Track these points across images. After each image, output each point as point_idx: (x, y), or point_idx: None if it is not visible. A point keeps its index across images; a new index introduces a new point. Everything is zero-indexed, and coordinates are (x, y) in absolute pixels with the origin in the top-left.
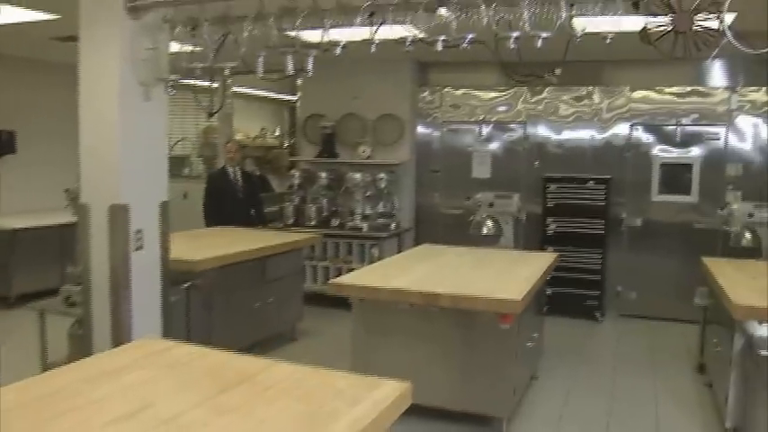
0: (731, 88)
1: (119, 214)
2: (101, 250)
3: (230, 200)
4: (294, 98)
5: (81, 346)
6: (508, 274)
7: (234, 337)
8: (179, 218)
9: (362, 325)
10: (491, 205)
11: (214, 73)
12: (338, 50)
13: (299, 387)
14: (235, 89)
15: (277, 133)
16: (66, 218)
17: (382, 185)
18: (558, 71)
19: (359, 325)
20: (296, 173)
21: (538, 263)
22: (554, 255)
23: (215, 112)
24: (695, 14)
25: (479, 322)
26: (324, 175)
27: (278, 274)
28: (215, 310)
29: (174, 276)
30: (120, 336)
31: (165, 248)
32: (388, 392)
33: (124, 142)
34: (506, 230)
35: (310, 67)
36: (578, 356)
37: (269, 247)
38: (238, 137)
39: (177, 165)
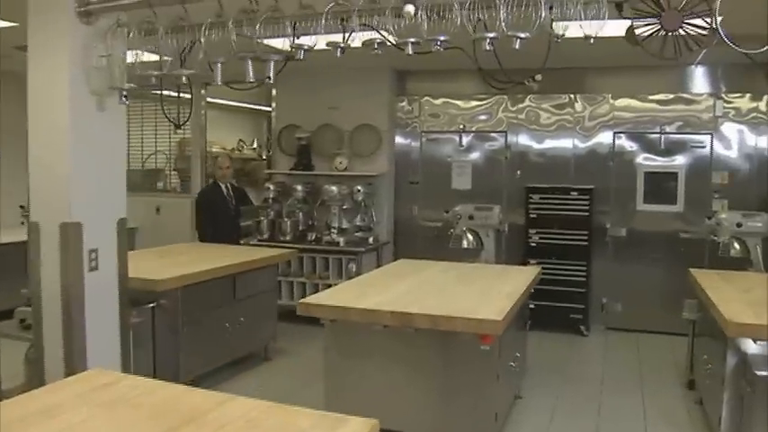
0: (715, 95)
1: (71, 233)
2: (52, 271)
3: (223, 216)
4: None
5: (36, 373)
6: (489, 291)
7: (203, 359)
8: (152, 233)
9: (334, 347)
10: (471, 218)
11: (170, 81)
12: (301, 54)
13: (255, 427)
14: (209, 99)
15: (255, 145)
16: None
17: (360, 198)
18: (538, 77)
19: (331, 347)
20: (271, 186)
21: (520, 278)
22: (537, 269)
23: (182, 124)
24: (684, 13)
25: (458, 343)
26: (299, 187)
27: (249, 291)
28: (182, 331)
29: (138, 296)
30: (73, 363)
31: (123, 268)
32: (354, 431)
33: (76, 155)
34: (487, 244)
35: (272, 74)
36: (564, 373)
37: (238, 264)
38: (215, 149)
39: (151, 178)
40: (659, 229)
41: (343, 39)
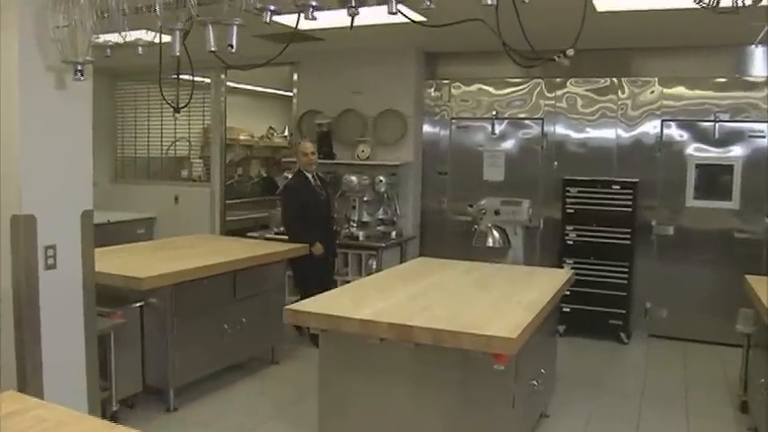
0: None
1: (22, 227)
2: (3, 270)
3: (313, 210)
4: None
5: None
6: (508, 300)
7: (197, 364)
8: (170, 223)
9: (330, 360)
10: (497, 213)
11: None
12: (267, 17)
13: None
14: (234, 85)
15: (285, 133)
16: None
17: (382, 189)
18: (570, 52)
19: (326, 360)
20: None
21: (548, 283)
22: (568, 272)
23: (181, 108)
24: None
25: (468, 360)
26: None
27: (253, 290)
28: (173, 333)
29: (127, 295)
30: (25, 375)
31: (88, 267)
32: None
33: (28, 138)
34: (515, 242)
35: (234, 41)
36: (599, 387)
37: (240, 260)
38: (242, 137)
39: (175, 167)
40: (711, 227)
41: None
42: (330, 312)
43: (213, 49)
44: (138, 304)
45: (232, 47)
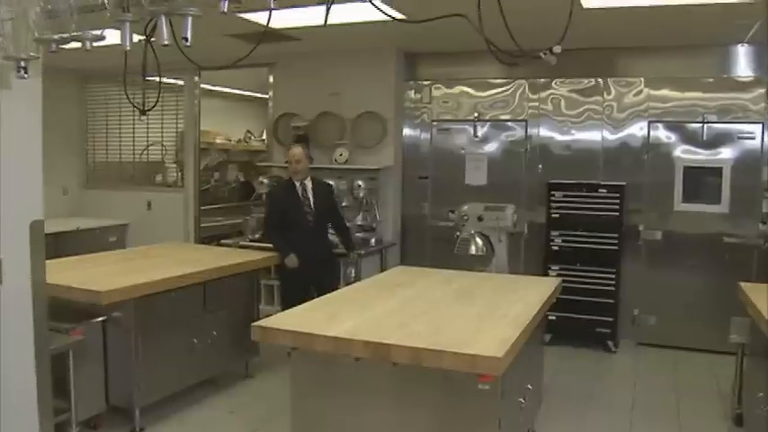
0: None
1: None
2: None
3: (295, 225)
4: None
5: None
6: (492, 313)
7: (165, 381)
8: (143, 230)
9: (302, 380)
10: (480, 219)
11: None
12: (224, 6)
13: None
14: (209, 87)
15: (264, 136)
16: None
17: (361, 194)
18: (557, 49)
19: (298, 379)
20: (264, 180)
21: (534, 294)
22: (556, 281)
23: (147, 111)
24: None
25: (450, 380)
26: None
27: (224, 301)
28: (138, 350)
29: (89, 309)
30: None
31: (38, 281)
32: None
33: None
34: (499, 249)
35: (188, 33)
36: (587, 400)
37: (209, 270)
38: (218, 140)
39: (148, 172)
40: (700, 232)
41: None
42: (300, 329)
43: (166, 42)
44: (99, 319)
45: (187, 40)
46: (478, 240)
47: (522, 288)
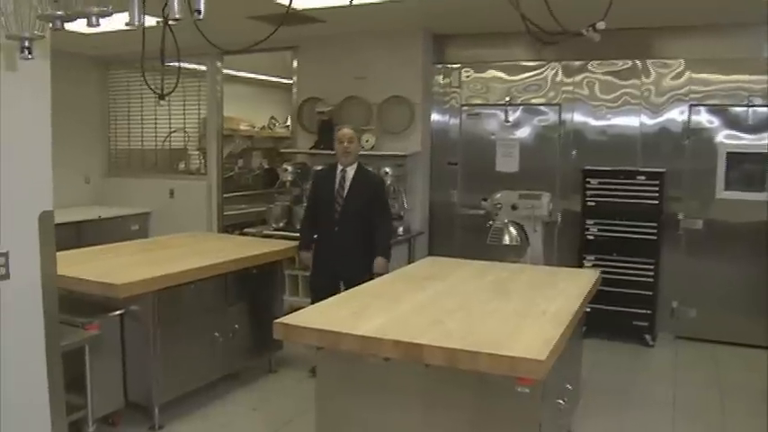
0: None
1: None
2: None
3: (325, 216)
4: None
5: None
6: (531, 309)
7: (184, 377)
8: (166, 219)
9: (328, 380)
10: (514, 207)
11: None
12: None
13: None
14: (233, 73)
15: (288, 123)
16: None
17: (388, 181)
18: (601, 25)
19: (324, 380)
20: (288, 167)
21: (574, 287)
22: (595, 273)
23: (166, 95)
24: None
25: (486, 381)
26: (319, 168)
27: (246, 294)
28: (156, 344)
29: (106, 303)
30: None
31: (48, 275)
32: None
33: None
34: (534, 240)
35: (201, 6)
36: (626, 397)
37: (231, 261)
38: (242, 127)
39: (171, 159)
40: (744, 220)
41: None
42: (326, 327)
43: (177, 17)
44: (117, 312)
45: (199, 12)
46: (512, 230)
47: (560, 281)
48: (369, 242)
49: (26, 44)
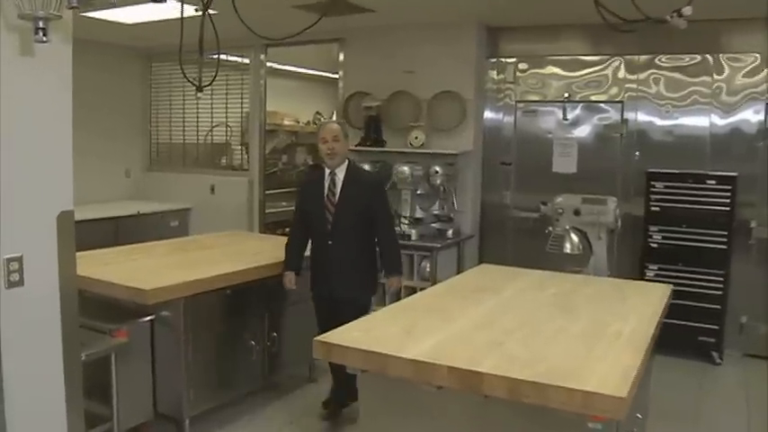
0: None
1: None
2: None
3: (315, 226)
4: None
5: None
6: (602, 331)
7: (218, 388)
8: (206, 216)
9: (371, 400)
10: (577, 213)
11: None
12: None
13: None
14: (276, 66)
15: (333, 118)
16: None
17: (438, 181)
18: (687, 10)
19: (368, 407)
20: None
21: (645, 304)
22: (667, 288)
23: (204, 87)
24: None
25: (553, 414)
26: (367, 167)
27: (284, 299)
28: (188, 353)
29: (136, 308)
30: None
31: (67, 279)
32: None
33: None
34: (598, 248)
35: None
36: (695, 421)
37: (270, 265)
38: (286, 122)
39: (213, 154)
40: None
41: None
42: (373, 348)
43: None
44: (147, 319)
45: None
46: (574, 237)
47: (629, 296)
48: (369, 255)
49: (40, 24)
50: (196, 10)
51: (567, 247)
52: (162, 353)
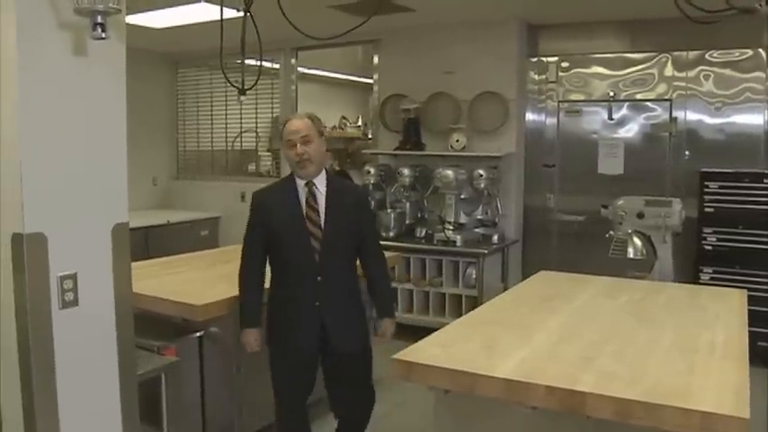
0: None
1: (27, 249)
2: (1, 313)
3: (290, 264)
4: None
5: None
6: (693, 342)
7: (271, 404)
8: (237, 224)
9: (451, 427)
10: (640, 216)
11: None
12: None
13: None
14: (304, 71)
15: (359, 123)
16: None
17: (482, 185)
18: None
19: (446, 427)
20: (371, 169)
21: (728, 311)
22: (742, 294)
23: (247, 90)
24: None
25: None
26: (406, 171)
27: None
28: (239, 370)
29: (185, 323)
30: None
31: (123, 299)
32: None
33: (32, 128)
34: (662, 252)
35: None
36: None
37: None
38: None
39: (241, 161)
40: None
41: None
42: (458, 367)
43: None
44: (196, 334)
45: None
46: (637, 241)
47: (707, 303)
48: (357, 289)
49: (99, 20)
50: (238, 10)
51: (631, 252)
52: (211, 371)
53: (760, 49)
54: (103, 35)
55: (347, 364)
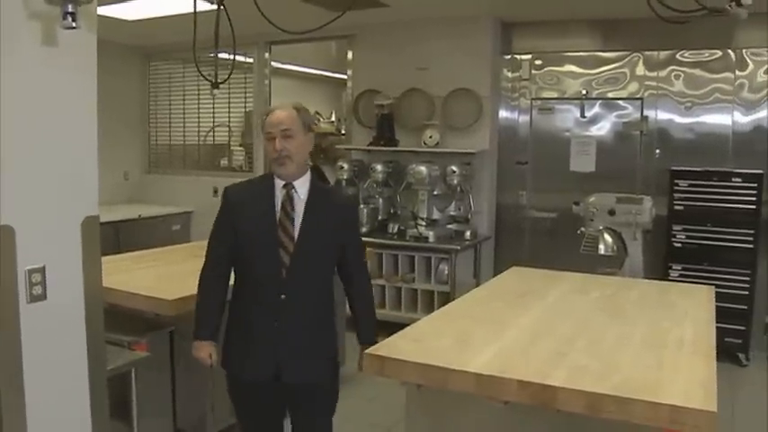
0: None
1: None
2: None
3: (255, 273)
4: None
5: None
6: (663, 338)
7: None
8: (209, 219)
9: (422, 422)
10: (612, 213)
11: None
12: None
13: None
14: (277, 65)
15: (333, 118)
16: None
17: (455, 181)
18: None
19: (416, 422)
20: (344, 165)
21: (696, 306)
22: (710, 291)
23: (220, 83)
24: None
25: (621, 427)
26: (379, 167)
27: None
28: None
29: (156, 318)
30: None
31: (92, 291)
32: None
33: (2, 118)
34: (633, 249)
35: None
36: (729, 426)
37: None
38: None
39: (213, 155)
40: None
41: None
42: (431, 362)
43: None
44: (168, 329)
45: None
46: (608, 238)
47: (677, 299)
48: (329, 311)
49: (69, 9)
50: (211, 3)
51: (602, 248)
52: (182, 366)
53: (729, 50)
54: (74, 25)
55: (306, 401)
